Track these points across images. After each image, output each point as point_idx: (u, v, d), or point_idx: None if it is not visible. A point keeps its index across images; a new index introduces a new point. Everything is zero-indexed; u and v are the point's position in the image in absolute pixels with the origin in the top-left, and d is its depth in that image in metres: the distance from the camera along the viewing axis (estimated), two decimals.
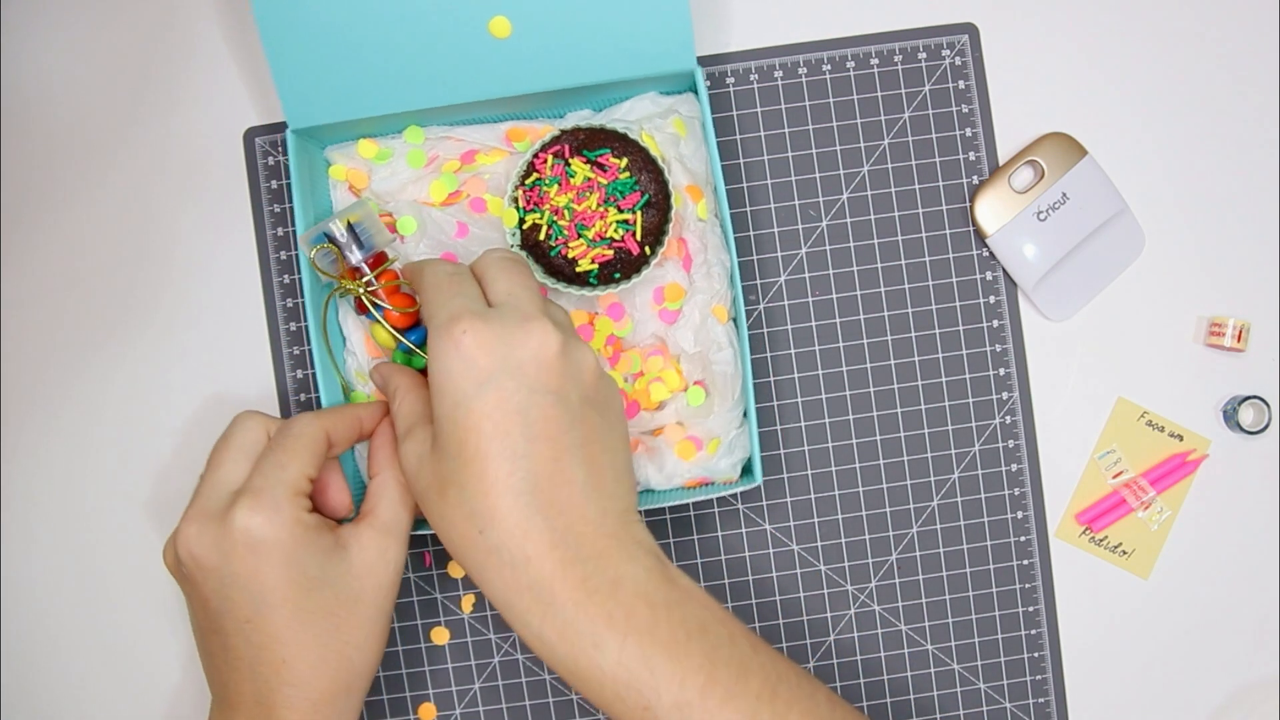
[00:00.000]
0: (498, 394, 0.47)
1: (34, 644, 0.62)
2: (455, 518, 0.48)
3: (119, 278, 0.62)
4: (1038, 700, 0.62)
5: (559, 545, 0.47)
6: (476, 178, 0.59)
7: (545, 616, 0.47)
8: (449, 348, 0.48)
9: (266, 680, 0.50)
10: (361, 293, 0.55)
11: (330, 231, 0.55)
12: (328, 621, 0.50)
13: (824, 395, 0.62)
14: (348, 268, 0.56)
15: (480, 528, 0.48)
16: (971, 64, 0.62)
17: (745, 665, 0.48)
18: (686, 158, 0.58)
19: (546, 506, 0.48)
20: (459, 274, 0.52)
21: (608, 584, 0.47)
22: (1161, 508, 0.63)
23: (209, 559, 0.49)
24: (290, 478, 0.50)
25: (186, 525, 0.50)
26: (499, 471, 0.47)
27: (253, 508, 0.49)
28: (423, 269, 0.53)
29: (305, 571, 0.50)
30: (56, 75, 0.62)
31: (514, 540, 0.47)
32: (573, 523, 0.48)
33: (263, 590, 0.49)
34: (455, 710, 0.62)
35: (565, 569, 0.47)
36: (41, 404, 0.62)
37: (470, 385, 0.48)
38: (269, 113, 0.62)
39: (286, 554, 0.49)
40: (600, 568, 0.48)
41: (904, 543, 0.62)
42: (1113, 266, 0.63)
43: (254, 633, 0.50)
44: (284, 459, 0.51)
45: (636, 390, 0.59)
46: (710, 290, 0.58)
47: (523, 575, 0.47)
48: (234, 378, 0.62)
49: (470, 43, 0.55)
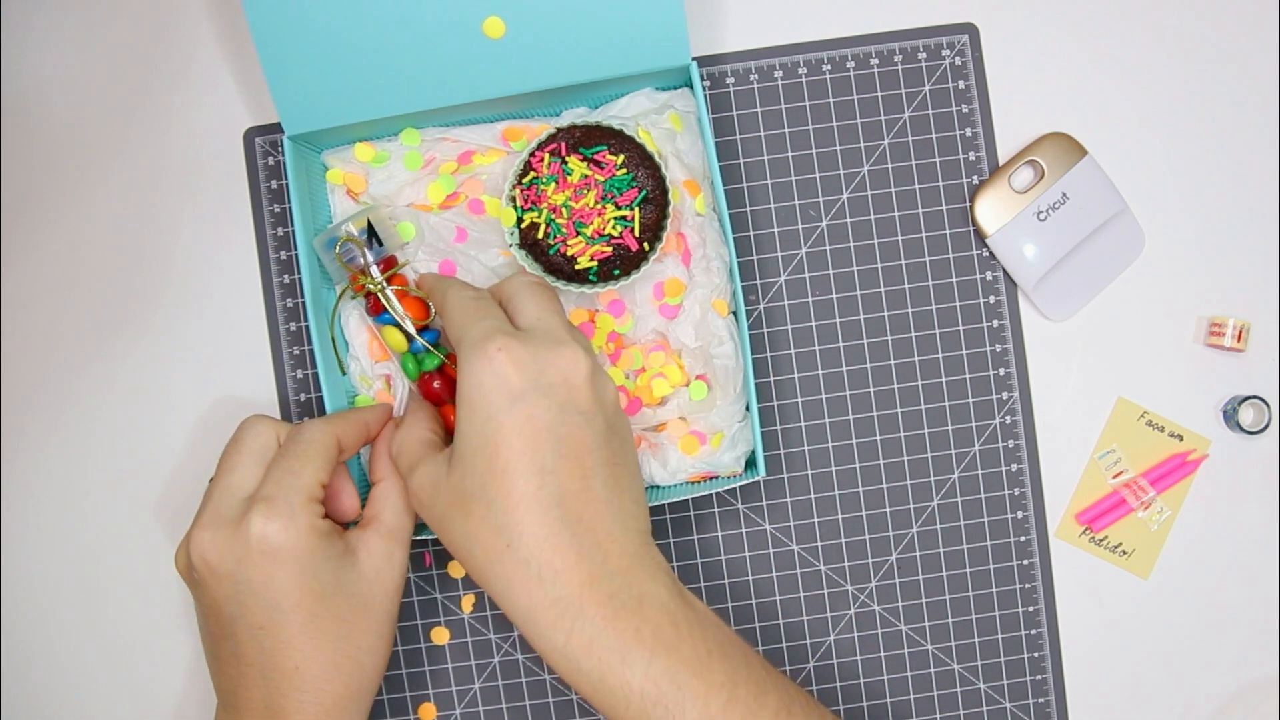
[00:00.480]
0: (529, 411, 0.48)
1: (34, 647, 0.62)
2: (481, 533, 0.48)
3: (119, 278, 0.62)
4: (1038, 700, 0.62)
5: (586, 560, 0.48)
6: (474, 179, 0.59)
7: (572, 631, 0.47)
8: (483, 364, 0.49)
9: (278, 686, 0.50)
10: (381, 289, 0.56)
11: (349, 232, 0.56)
12: (340, 627, 0.51)
13: (824, 395, 0.62)
14: (360, 269, 0.56)
15: (509, 540, 0.48)
16: (971, 64, 0.62)
17: (763, 685, 0.49)
18: (683, 153, 0.58)
19: (574, 522, 0.48)
20: (483, 298, 0.53)
21: (634, 601, 0.48)
22: (1161, 508, 0.62)
23: (223, 565, 0.50)
24: (304, 484, 0.51)
25: (200, 531, 0.50)
26: (529, 486, 0.48)
27: (268, 514, 0.49)
28: (445, 292, 0.54)
29: (319, 578, 0.50)
30: (56, 76, 0.62)
31: (543, 553, 0.48)
32: (599, 539, 0.48)
33: (276, 597, 0.49)
34: (455, 710, 0.62)
35: (593, 584, 0.48)
36: (42, 403, 0.62)
37: (503, 401, 0.48)
38: (268, 113, 0.62)
39: (301, 561, 0.50)
40: (626, 584, 0.48)
41: (904, 543, 0.62)
42: (1113, 266, 0.63)
43: (267, 639, 0.50)
44: (297, 465, 0.51)
45: (638, 386, 0.59)
46: (710, 284, 0.58)
47: (551, 589, 0.48)
48: (234, 378, 0.62)
49: (464, 43, 0.55)
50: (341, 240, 0.56)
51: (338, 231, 0.56)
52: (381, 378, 0.59)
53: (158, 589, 0.62)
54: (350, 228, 0.56)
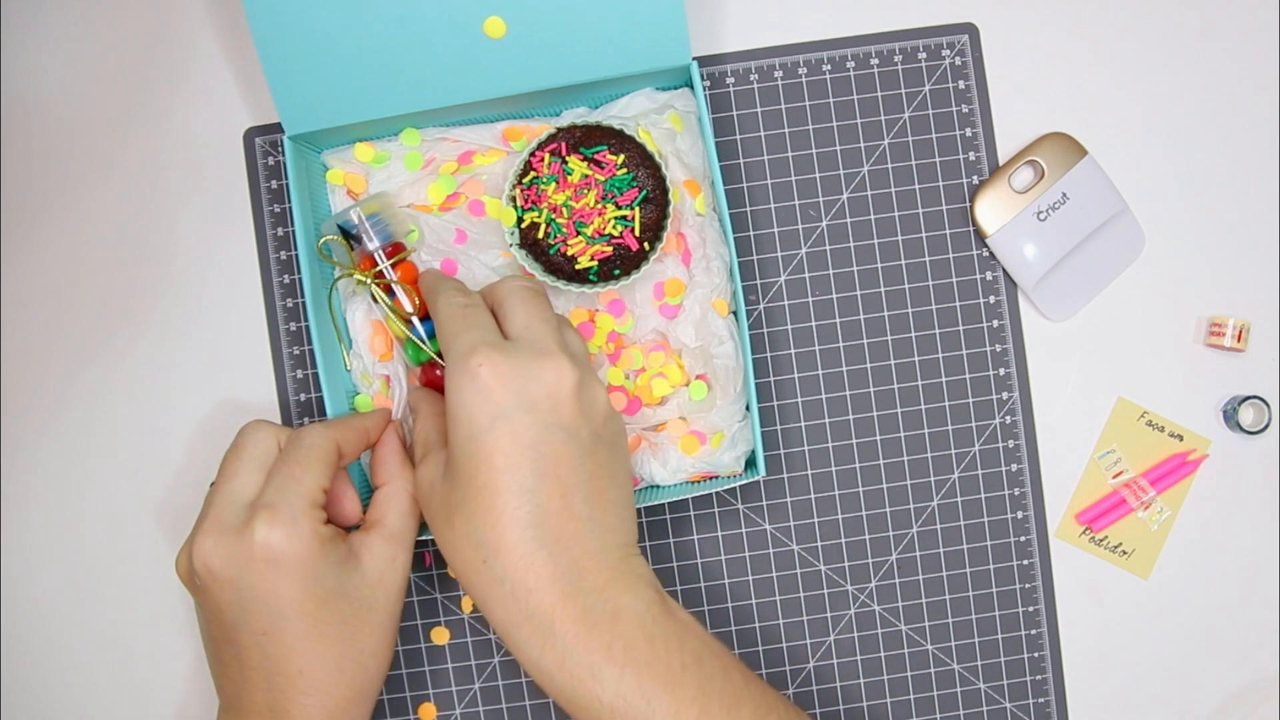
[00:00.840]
0: (511, 428, 0.48)
1: (33, 648, 0.62)
2: (462, 545, 0.49)
3: (119, 278, 0.62)
4: (1038, 700, 0.62)
5: (561, 578, 0.48)
6: (474, 179, 0.59)
7: (545, 647, 0.48)
8: (465, 380, 0.49)
9: (282, 690, 0.50)
10: (370, 283, 0.56)
11: (347, 220, 0.56)
12: (343, 631, 0.51)
13: (824, 395, 0.62)
14: (363, 257, 0.56)
15: (485, 557, 0.48)
16: (971, 64, 0.62)
17: (738, 697, 0.49)
18: (683, 152, 0.58)
19: (552, 541, 0.48)
20: (473, 305, 0.53)
21: (608, 616, 0.48)
22: (1161, 508, 0.62)
23: (226, 572, 0.50)
24: (306, 490, 0.51)
25: (203, 537, 0.50)
26: (507, 505, 0.48)
27: (271, 522, 0.49)
28: (437, 296, 0.54)
29: (322, 584, 0.50)
30: (56, 76, 0.62)
31: (517, 572, 0.48)
32: (576, 557, 0.49)
33: (280, 604, 0.50)
34: (455, 710, 0.62)
35: (566, 601, 0.48)
36: (42, 401, 0.62)
37: (485, 418, 0.48)
38: (268, 113, 0.62)
39: (304, 568, 0.50)
40: (601, 600, 0.49)
41: (904, 543, 0.62)
42: (1113, 266, 0.63)
43: (271, 644, 0.50)
44: (298, 471, 0.51)
45: (638, 386, 0.59)
46: (710, 284, 0.58)
47: (524, 606, 0.48)
48: (234, 378, 0.62)
49: (464, 43, 0.55)
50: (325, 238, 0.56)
51: (344, 217, 0.56)
52: (381, 378, 0.59)
53: (157, 590, 0.62)
54: (351, 215, 0.56)
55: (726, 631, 0.62)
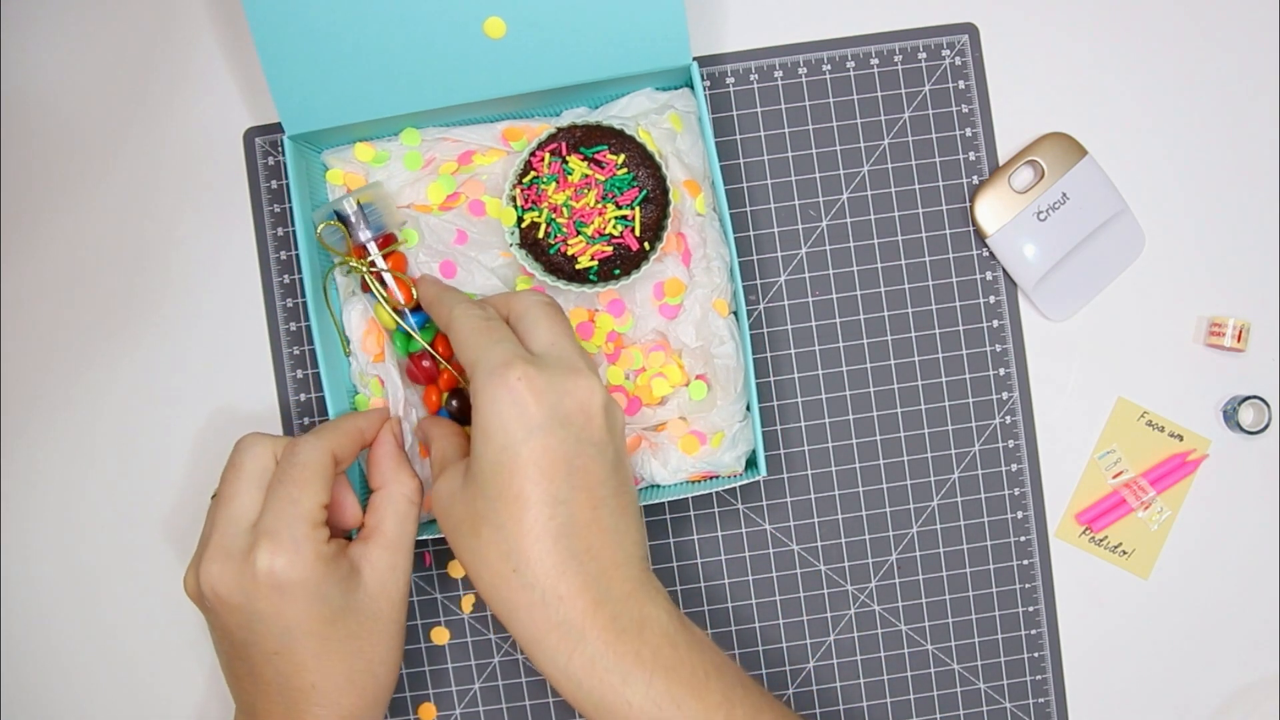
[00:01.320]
0: (545, 442, 0.49)
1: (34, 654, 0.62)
2: (489, 555, 0.49)
3: (119, 278, 0.62)
4: (1038, 700, 0.62)
5: (591, 586, 0.49)
6: (474, 179, 0.59)
7: (574, 653, 0.48)
8: (502, 392, 0.49)
9: (296, 703, 0.51)
10: (365, 271, 0.56)
11: (341, 208, 0.56)
12: (352, 644, 0.51)
13: (824, 395, 0.62)
14: (355, 246, 0.56)
15: (515, 566, 0.49)
16: (971, 64, 0.62)
17: (758, 706, 0.50)
18: (683, 152, 0.58)
19: (582, 551, 0.49)
20: (493, 319, 0.53)
21: (635, 624, 0.49)
22: (1161, 508, 0.62)
23: (233, 598, 0.50)
24: (304, 511, 0.51)
25: (209, 564, 0.50)
26: (540, 515, 0.49)
27: (274, 550, 0.49)
28: (451, 309, 0.54)
29: (328, 603, 0.51)
30: (56, 76, 0.62)
31: (549, 579, 0.49)
32: (605, 568, 0.50)
33: (288, 625, 0.50)
34: (455, 710, 0.62)
35: (597, 609, 0.49)
36: (43, 402, 0.62)
37: (521, 431, 0.49)
38: (268, 113, 0.62)
39: (309, 591, 0.50)
40: (628, 609, 0.49)
41: (904, 543, 0.62)
42: (1113, 266, 0.63)
43: (282, 663, 0.51)
44: (295, 493, 0.51)
45: (638, 386, 0.59)
46: (710, 284, 0.58)
47: (554, 613, 0.49)
48: (234, 379, 0.62)
49: (465, 43, 0.55)
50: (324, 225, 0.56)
51: (339, 205, 0.56)
52: (376, 379, 0.59)
53: (160, 594, 0.62)
54: (345, 204, 0.56)
55: (726, 631, 0.62)
